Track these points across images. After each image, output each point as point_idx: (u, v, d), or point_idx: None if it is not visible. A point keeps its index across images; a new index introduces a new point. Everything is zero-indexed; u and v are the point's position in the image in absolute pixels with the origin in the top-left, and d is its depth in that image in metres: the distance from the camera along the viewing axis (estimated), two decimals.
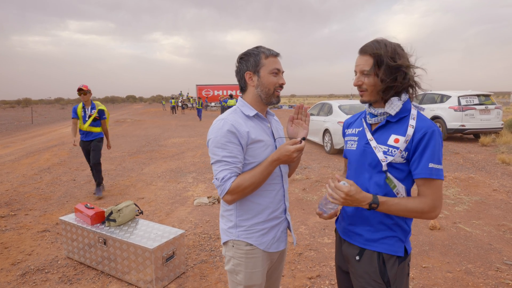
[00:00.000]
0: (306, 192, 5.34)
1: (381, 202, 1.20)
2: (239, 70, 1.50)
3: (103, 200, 5.09)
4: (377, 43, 1.26)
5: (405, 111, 1.28)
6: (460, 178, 5.84)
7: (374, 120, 1.34)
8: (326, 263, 3.10)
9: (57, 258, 3.26)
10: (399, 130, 1.27)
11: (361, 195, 1.19)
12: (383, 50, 1.23)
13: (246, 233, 1.47)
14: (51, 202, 5.08)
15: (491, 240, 3.52)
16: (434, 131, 1.21)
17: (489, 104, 9.58)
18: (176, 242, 2.81)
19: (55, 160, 8.42)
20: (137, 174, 6.83)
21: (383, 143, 1.28)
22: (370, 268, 1.30)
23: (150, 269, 2.60)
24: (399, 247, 1.29)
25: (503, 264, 3.03)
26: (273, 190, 1.49)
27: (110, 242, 2.80)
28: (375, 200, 1.20)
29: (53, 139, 12.72)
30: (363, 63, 1.27)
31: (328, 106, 9.21)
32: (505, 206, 4.53)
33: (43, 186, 5.98)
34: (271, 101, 1.49)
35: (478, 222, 4.00)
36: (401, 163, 1.26)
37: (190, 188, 5.77)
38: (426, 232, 3.72)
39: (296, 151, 1.35)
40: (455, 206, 4.54)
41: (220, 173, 1.37)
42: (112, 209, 2.98)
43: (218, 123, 1.42)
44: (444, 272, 2.91)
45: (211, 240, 3.64)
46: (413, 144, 1.22)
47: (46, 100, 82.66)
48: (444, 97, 10.21)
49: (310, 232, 3.81)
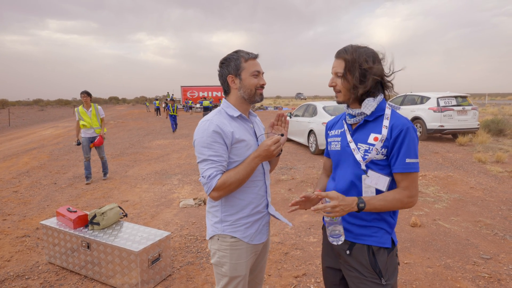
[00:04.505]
0: (291, 192, 5.40)
1: (367, 201, 1.28)
2: (221, 75, 1.58)
3: (86, 204, 4.99)
4: (350, 48, 1.36)
5: (380, 110, 1.38)
6: (439, 176, 6.04)
7: (353, 120, 1.43)
8: (312, 261, 3.15)
9: (38, 263, 3.18)
10: (377, 128, 1.35)
11: (347, 199, 1.27)
12: (355, 55, 1.33)
13: (231, 227, 1.55)
14: (31, 206, 4.93)
15: (469, 235, 3.66)
16: (408, 128, 1.30)
17: (466, 105, 9.95)
18: (162, 244, 2.79)
19: (35, 163, 8.17)
20: (121, 177, 6.72)
21: (364, 141, 1.37)
22: (361, 261, 1.36)
23: (136, 272, 2.58)
24: (386, 239, 1.36)
25: (479, 258, 3.16)
26: (256, 186, 1.58)
27: (94, 246, 2.75)
28: (361, 200, 1.28)
29: (32, 142, 12.34)
30: (337, 66, 1.38)
31: (313, 107, 9.33)
32: (482, 203, 4.72)
33: (22, 190, 5.80)
34: (255, 100, 1.57)
35: (457, 218, 4.16)
36: (382, 160, 1.34)
37: (175, 190, 5.72)
38: (408, 229, 3.84)
39: (273, 144, 1.45)
40: (435, 204, 4.69)
41: (206, 171, 1.44)
42: (96, 212, 2.93)
43: (204, 124, 1.49)
44: (425, 268, 3.01)
45: (197, 242, 3.63)
46: (390, 141, 1.31)
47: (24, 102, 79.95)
48: (424, 98, 10.53)
49: (296, 231, 3.86)
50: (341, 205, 1.24)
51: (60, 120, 25.46)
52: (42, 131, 16.70)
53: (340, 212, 1.25)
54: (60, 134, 15.22)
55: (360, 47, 1.36)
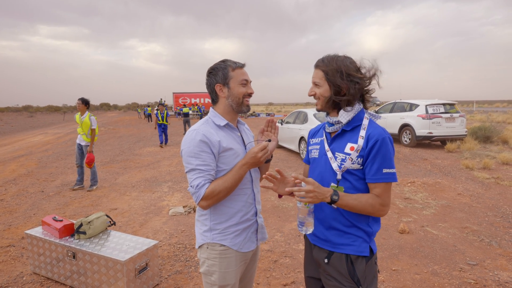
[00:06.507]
0: (282, 199, 5.40)
1: (341, 195, 1.29)
2: (209, 84, 1.60)
3: (74, 212, 4.91)
4: (327, 59, 1.39)
5: (358, 120, 1.39)
6: (428, 183, 6.12)
7: (331, 128, 1.45)
8: (300, 269, 3.15)
9: (22, 274, 3.11)
10: (353, 138, 1.37)
11: (323, 188, 1.28)
12: (332, 66, 1.36)
13: (220, 235, 1.55)
14: (17, 215, 4.83)
15: (456, 242, 3.71)
16: (384, 138, 1.32)
17: (454, 113, 10.14)
18: (149, 253, 2.76)
19: (22, 171, 8.03)
20: (110, 184, 6.64)
21: (341, 150, 1.38)
22: (340, 269, 1.37)
23: (122, 282, 2.54)
24: (364, 248, 1.37)
25: (466, 264, 3.20)
26: (245, 194, 1.58)
27: (80, 256, 2.70)
28: (336, 193, 1.29)
29: (20, 149, 12.13)
30: (315, 76, 1.42)
31: (304, 114, 9.41)
32: (469, 209, 4.79)
33: (8, 199, 5.68)
34: (242, 110, 1.59)
35: (444, 225, 4.21)
36: (358, 169, 1.35)
37: (165, 197, 5.67)
38: (396, 236, 3.87)
39: (260, 151, 1.45)
40: (423, 210, 4.75)
41: (194, 180, 1.44)
42: (82, 221, 2.89)
43: (190, 133, 1.50)
44: (413, 274, 3.03)
45: (186, 250, 3.59)
46: (366, 151, 1.33)
47: (14, 108, 78.61)
48: (413, 105, 10.70)
49: (286, 239, 3.86)
50: (316, 191, 1.25)
51: (50, 127, 25.11)
52: (31, 138, 16.44)
53: (313, 199, 1.25)
54: (49, 141, 15.00)
55: (338, 57, 1.39)
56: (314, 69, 1.44)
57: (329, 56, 1.41)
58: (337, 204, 1.29)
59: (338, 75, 1.35)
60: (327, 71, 1.37)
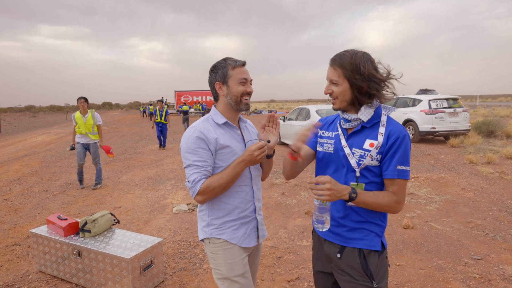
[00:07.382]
0: (285, 196, 5.40)
1: (359, 192, 1.28)
2: (210, 82, 1.63)
3: (78, 211, 4.94)
4: (344, 55, 1.32)
5: (377, 117, 1.37)
6: (431, 178, 6.10)
7: (348, 125, 1.41)
8: (305, 265, 3.15)
9: (28, 272, 3.13)
10: (373, 134, 1.35)
11: (341, 186, 1.27)
12: (350, 62, 1.29)
13: (218, 230, 1.58)
14: (22, 214, 4.87)
15: (460, 236, 3.70)
16: (405, 135, 1.31)
17: (457, 107, 10.08)
18: (154, 251, 2.77)
19: (26, 171, 8.08)
20: (114, 183, 6.67)
21: (359, 147, 1.36)
22: (353, 264, 1.37)
23: (127, 280, 2.55)
24: (376, 242, 1.37)
25: (470, 259, 3.19)
26: (243, 191, 1.60)
27: (85, 254, 2.72)
28: (354, 191, 1.27)
29: (24, 149, 12.20)
30: (332, 73, 1.35)
31: (306, 111, 9.39)
32: (473, 204, 4.77)
33: (13, 198, 5.72)
34: (240, 108, 1.60)
35: (448, 220, 4.20)
36: (375, 166, 1.34)
37: (169, 195, 5.69)
38: (400, 231, 3.86)
39: (257, 149, 1.47)
40: (427, 206, 4.73)
41: (191, 176, 1.49)
42: (87, 219, 2.91)
43: (189, 130, 1.55)
44: (417, 269, 3.03)
45: (190, 247, 3.61)
46: (386, 147, 1.31)
47: (16, 108, 79.04)
48: (416, 101, 10.64)
49: (289, 235, 3.86)
50: (334, 189, 1.23)
51: (53, 126, 25.22)
52: (34, 138, 16.53)
53: (331, 197, 1.24)
54: (52, 140, 15.08)
55: (356, 53, 1.32)
56: (329, 66, 1.37)
57: (347, 52, 1.33)
58: (354, 201, 1.28)
59: (358, 73, 1.29)
60: (346, 69, 1.30)
